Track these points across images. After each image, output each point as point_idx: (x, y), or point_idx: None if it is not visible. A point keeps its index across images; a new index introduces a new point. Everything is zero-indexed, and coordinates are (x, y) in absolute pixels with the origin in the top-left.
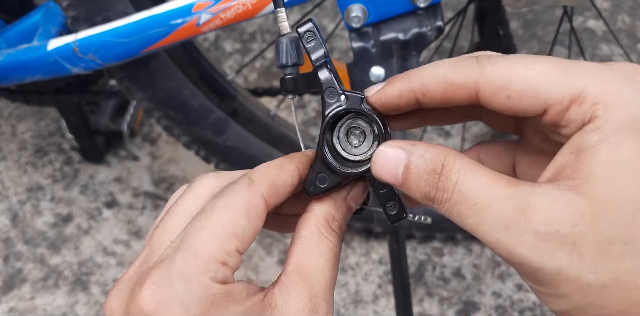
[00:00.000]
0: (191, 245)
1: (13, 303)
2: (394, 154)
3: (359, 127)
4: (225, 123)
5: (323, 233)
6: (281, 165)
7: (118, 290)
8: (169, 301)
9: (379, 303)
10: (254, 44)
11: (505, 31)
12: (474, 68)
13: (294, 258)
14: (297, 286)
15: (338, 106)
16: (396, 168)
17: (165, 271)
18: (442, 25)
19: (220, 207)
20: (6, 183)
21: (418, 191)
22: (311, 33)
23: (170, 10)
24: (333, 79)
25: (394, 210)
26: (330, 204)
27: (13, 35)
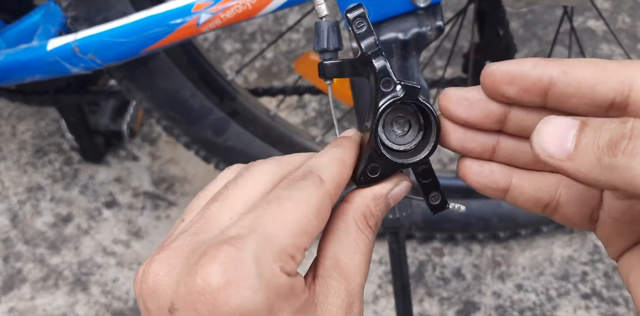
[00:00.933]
0: (267, 231)
1: (13, 303)
2: (565, 120)
3: (404, 117)
4: (225, 123)
5: (360, 228)
6: (343, 162)
7: (167, 257)
8: (240, 281)
9: (379, 303)
10: (254, 44)
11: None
12: None
13: (331, 251)
14: (335, 282)
15: (394, 96)
16: (566, 134)
17: (239, 250)
18: (442, 25)
19: (295, 200)
20: (6, 183)
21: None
22: (362, 19)
23: (169, 10)
24: (389, 68)
25: (437, 201)
26: (371, 198)
27: (13, 35)
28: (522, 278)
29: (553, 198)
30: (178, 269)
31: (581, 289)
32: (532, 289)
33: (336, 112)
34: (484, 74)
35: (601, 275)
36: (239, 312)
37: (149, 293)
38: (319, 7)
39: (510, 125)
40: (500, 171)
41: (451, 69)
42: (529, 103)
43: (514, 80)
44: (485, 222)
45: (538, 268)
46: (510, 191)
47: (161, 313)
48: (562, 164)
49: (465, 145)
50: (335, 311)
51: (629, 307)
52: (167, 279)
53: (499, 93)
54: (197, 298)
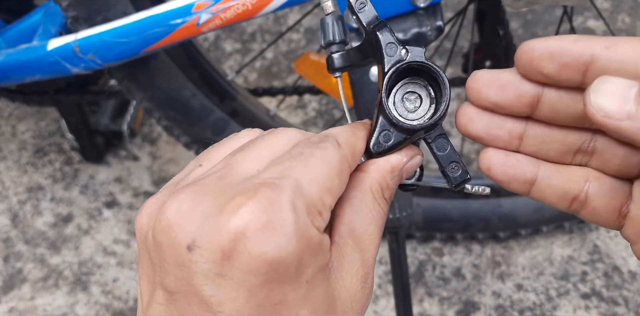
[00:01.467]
0: (298, 182)
1: (13, 303)
2: (623, 79)
3: (414, 92)
4: (226, 123)
5: (376, 199)
6: (355, 132)
7: (192, 192)
8: (277, 226)
9: (379, 303)
10: (254, 44)
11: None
12: None
13: (347, 218)
14: (350, 249)
15: (400, 60)
16: (626, 92)
17: (276, 194)
18: (442, 25)
19: (319, 157)
20: (6, 183)
21: None
22: (362, 1)
23: (170, 10)
24: (393, 36)
25: (457, 172)
26: (388, 169)
27: (13, 35)
28: (522, 278)
29: (582, 190)
30: (205, 206)
31: (581, 289)
32: (532, 289)
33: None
34: (520, 50)
35: (601, 274)
36: (270, 258)
37: (164, 227)
38: (325, 4)
39: (542, 110)
40: (527, 161)
41: (451, 68)
42: (567, 81)
43: (554, 55)
44: (485, 222)
45: (538, 268)
46: (536, 184)
47: (176, 249)
48: (621, 124)
49: (491, 132)
50: (349, 279)
51: (629, 307)
52: (191, 214)
53: (537, 71)
54: (225, 237)
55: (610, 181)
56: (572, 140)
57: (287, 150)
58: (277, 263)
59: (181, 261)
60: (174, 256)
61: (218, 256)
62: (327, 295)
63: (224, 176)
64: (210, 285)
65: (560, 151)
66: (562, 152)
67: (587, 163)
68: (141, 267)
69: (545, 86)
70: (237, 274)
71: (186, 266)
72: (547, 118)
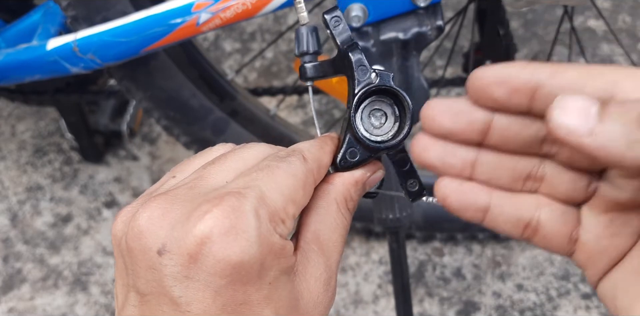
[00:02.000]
0: (262, 192)
1: (12, 303)
2: (583, 97)
3: (380, 109)
4: (225, 123)
5: (340, 209)
6: (322, 147)
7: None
8: (240, 231)
9: (379, 303)
10: (253, 43)
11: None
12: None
13: (312, 225)
14: (315, 254)
15: (369, 83)
16: (588, 108)
17: (240, 202)
18: (442, 25)
19: (285, 170)
20: (5, 183)
21: (625, 124)
22: (338, 18)
23: (169, 9)
24: (364, 58)
25: (414, 187)
26: (352, 182)
27: (12, 35)
28: (522, 278)
29: (533, 217)
30: (174, 214)
31: (581, 289)
32: (532, 289)
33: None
34: (472, 77)
35: None
36: (233, 261)
37: (136, 233)
38: (301, 15)
39: (493, 136)
40: (480, 190)
41: (451, 68)
42: (516, 107)
43: (503, 81)
44: None
45: (538, 268)
46: (490, 211)
47: (147, 254)
48: (583, 140)
49: (445, 160)
50: (313, 282)
51: None
52: (161, 221)
53: (487, 96)
54: (192, 242)
55: (560, 207)
56: (522, 167)
57: (256, 163)
58: (240, 265)
59: (152, 264)
60: (145, 260)
61: (185, 260)
62: (290, 296)
63: (194, 186)
64: (179, 287)
65: (511, 178)
66: (513, 178)
67: (537, 189)
68: (116, 271)
69: (496, 112)
70: (203, 276)
71: (156, 270)
72: (497, 145)
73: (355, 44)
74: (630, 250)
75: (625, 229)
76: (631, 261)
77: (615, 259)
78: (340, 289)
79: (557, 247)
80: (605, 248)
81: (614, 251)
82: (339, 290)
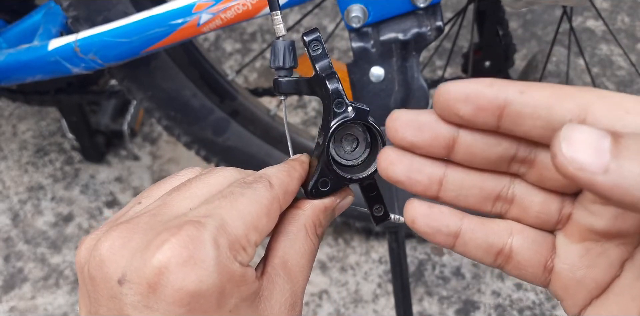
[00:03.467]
0: (223, 220)
1: (14, 303)
2: (592, 128)
3: (352, 134)
4: (226, 123)
5: (309, 235)
6: (290, 173)
7: (125, 230)
8: (198, 260)
9: (378, 302)
10: (254, 44)
11: (505, 31)
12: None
13: (281, 251)
14: (281, 280)
15: (345, 117)
16: (600, 143)
17: (199, 231)
18: (442, 25)
19: (248, 197)
20: (7, 183)
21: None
22: (317, 42)
23: (170, 10)
24: (342, 90)
25: (380, 212)
26: (322, 209)
27: (14, 35)
28: None
29: (505, 243)
30: (134, 243)
31: None
32: (531, 288)
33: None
34: (438, 91)
35: None
36: (191, 290)
37: (98, 262)
38: (277, 27)
39: (459, 152)
40: (451, 214)
41: (451, 68)
42: (483, 124)
43: (469, 98)
44: None
45: None
46: (460, 236)
47: (108, 283)
48: (596, 178)
49: (412, 176)
50: (278, 307)
51: None
52: (122, 250)
53: (453, 113)
54: (151, 272)
55: (534, 234)
56: (490, 186)
57: (220, 190)
58: (198, 294)
59: (113, 293)
60: (107, 289)
61: (145, 289)
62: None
63: (157, 214)
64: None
65: (479, 197)
66: (482, 198)
67: (507, 211)
68: (80, 298)
69: (462, 128)
70: (162, 305)
71: (117, 298)
72: (464, 162)
73: (333, 74)
74: (612, 285)
75: (602, 260)
76: (616, 299)
77: (594, 292)
78: (340, 288)
79: (531, 276)
80: (581, 279)
81: (591, 283)
82: (339, 289)
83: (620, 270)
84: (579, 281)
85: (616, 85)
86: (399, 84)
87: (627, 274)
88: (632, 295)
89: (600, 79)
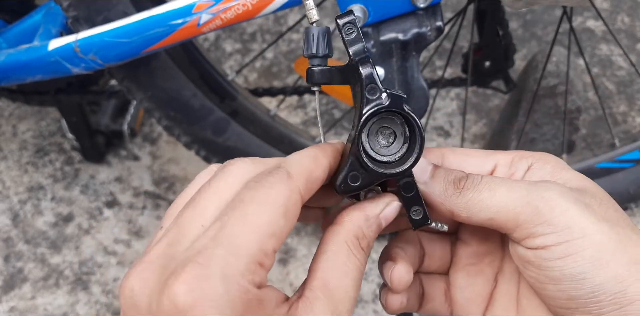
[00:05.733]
0: (232, 243)
1: (14, 303)
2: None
3: (389, 127)
4: (226, 123)
5: (352, 250)
6: (316, 158)
7: (141, 271)
8: (206, 302)
9: (378, 302)
10: (254, 44)
11: (505, 31)
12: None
13: (320, 272)
14: (320, 303)
15: (379, 104)
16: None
17: (205, 268)
18: (442, 26)
19: (260, 202)
20: (7, 183)
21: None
22: (351, 25)
23: (170, 10)
24: (375, 75)
25: (418, 215)
26: (362, 219)
27: (14, 35)
28: None
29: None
30: (151, 284)
31: None
32: None
33: (323, 119)
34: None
35: None
36: None
37: (128, 306)
38: (310, 12)
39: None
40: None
41: (451, 68)
42: None
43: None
44: None
45: None
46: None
47: None
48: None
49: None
50: None
51: None
52: (141, 295)
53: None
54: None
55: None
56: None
57: (232, 196)
58: None
59: None
60: None
61: None
62: None
63: (171, 243)
64: None
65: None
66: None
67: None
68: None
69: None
70: None
71: None
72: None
73: (367, 57)
74: (492, 296)
75: (479, 277)
76: (498, 305)
77: (482, 305)
78: None
79: (439, 308)
80: (469, 297)
81: (477, 297)
82: None
83: (495, 282)
84: (468, 299)
85: (616, 85)
86: (399, 84)
87: (501, 284)
88: (509, 298)
89: (600, 79)
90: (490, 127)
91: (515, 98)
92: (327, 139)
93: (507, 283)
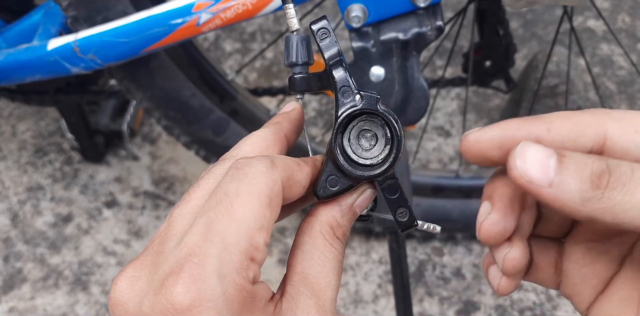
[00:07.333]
0: (223, 240)
1: (13, 303)
2: (542, 147)
3: (370, 130)
4: (225, 123)
5: (328, 240)
6: (299, 163)
7: (132, 269)
8: (204, 302)
9: (379, 302)
10: (254, 43)
11: (505, 31)
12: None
13: (299, 266)
14: (303, 297)
15: (353, 106)
16: (547, 161)
17: (201, 267)
18: (442, 25)
19: (245, 195)
20: (6, 183)
21: (581, 181)
22: (325, 30)
23: (170, 10)
24: (348, 78)
25: (404, 217)
26: (336, 209)
27: (13, 35)
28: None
29: None
30: (141, 283)
31: None
32: (532, 288)
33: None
34: (466, 142)
35: None
36: None
37: (116, 306)
38: (290, 21)
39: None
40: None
41: (451, 68)
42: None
43: (501, 144)
44: None
45: None
46: None
47: None
48: (542, 190)
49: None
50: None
51: None
52: (130, 294)
53: (486, 160)
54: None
55: (545, 240)
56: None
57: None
58: None
59: None
60: None
61: None
62: None
63: (163, 241)
64: None
65: None
66: None
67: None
68: None
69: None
70: None
71: None
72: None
73: (339, 61)
74: (613, 280)
75: (603, 257)
76: (617, 292)
77: (599, 287)
78: (341, 289)
79: (545, 279)
80: (585, 276)
81: (594, 278)
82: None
83: (620, 266)
84: (583, 278)
85: (617, 85)
86: (399, 84)
87: (627, 269)
88: (631, 287)
89: (601, 78)
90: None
91: (515, 98)
92: (326, 139)
93: (635, 271)
